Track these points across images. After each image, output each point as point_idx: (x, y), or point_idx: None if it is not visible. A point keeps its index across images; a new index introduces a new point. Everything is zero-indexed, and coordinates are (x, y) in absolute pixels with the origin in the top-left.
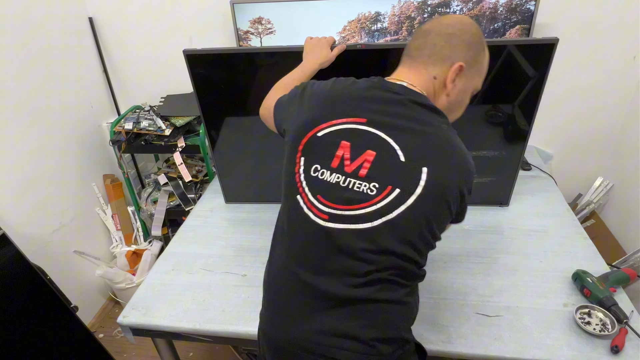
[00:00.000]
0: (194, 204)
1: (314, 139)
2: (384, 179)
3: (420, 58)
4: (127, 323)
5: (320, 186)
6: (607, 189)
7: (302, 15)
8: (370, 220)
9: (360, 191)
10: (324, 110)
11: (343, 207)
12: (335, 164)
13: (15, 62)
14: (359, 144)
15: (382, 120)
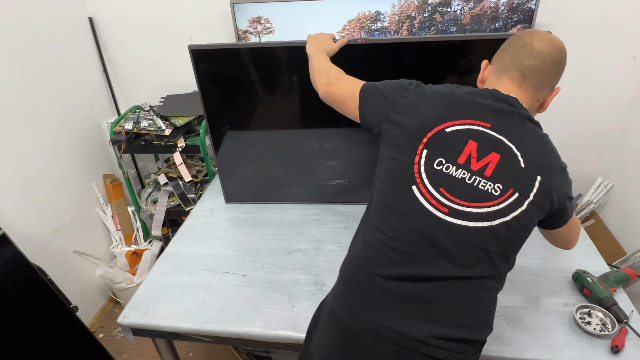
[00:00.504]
0: (194, 204)
1: (440, 134)
2: (507, 181)
3: (533, 82)
4: (127, 323)
5: (444, 180)
6: (607, 189)
7: (301, 15)
8: (490, 220)
9: (485, 190)
10: (451, 109)
11: (467, 203)
12: (462, 160)
13: (15, 62)
14: (485, 145)
15: (504, 127)
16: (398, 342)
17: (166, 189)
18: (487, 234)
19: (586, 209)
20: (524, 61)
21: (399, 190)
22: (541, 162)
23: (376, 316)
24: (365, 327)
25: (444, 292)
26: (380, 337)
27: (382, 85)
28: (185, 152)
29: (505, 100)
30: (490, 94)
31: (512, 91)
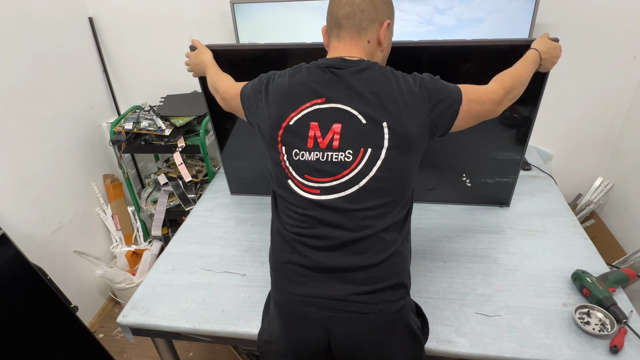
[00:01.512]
0: (194, 204)
1: (287, 128)
2: (356, 143)
3: (352, 27)
4: (127, 323)
5: (304, 166)
6: (607, 189)
7: (301, 16)
8: (356, 183)
9: (339, 161)
10: (290, 101)
11: (330, 179)
12: (310, 144)
13: (15, 62)
14: (326, 120)
15: (337, 94)
16: (323, 305)
17: (166, 189)
18: (361, 196)
19: (586, 209)
20: (337, 13)
21: (282, 186)
22: (380, 111)
23: (300, 289)
24: (294, 300)
25: (350, 256)
26: (308, 305)
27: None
28: (185, 152)
29: (331, 65)
30: (319, 66)
31: (341, 48)
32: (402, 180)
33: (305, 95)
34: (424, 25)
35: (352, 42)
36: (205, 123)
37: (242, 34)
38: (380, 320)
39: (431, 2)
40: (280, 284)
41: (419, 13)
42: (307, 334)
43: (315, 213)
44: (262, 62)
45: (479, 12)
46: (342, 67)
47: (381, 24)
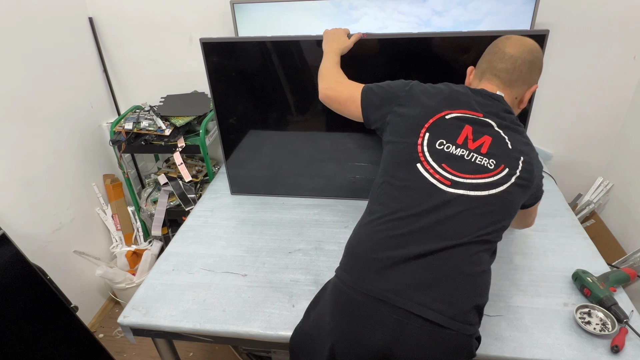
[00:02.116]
0: (194, 204)
1: (441, 120)
2: (499, 158)
3: (508, 82)
4: (127, 323)
5: (446, 157)
6: (607, 189)
7: (302, 16)
8: (486, 189)
9: (482, 164)
10: (449, 102)
11: (467, 175)
12: (460, 141)
13: (15, 62)
14: (479, 129)
15: (493, 117)
16: (402, 305)
17: (166, 189)
18: (482, 203)
19: (586, 209)
20: (497, 65)
21: (404, 168)
22: (522, 147)
23: (382, 284)
24: (370, 293)
25: (444, 262)
26: (383, 304)
27: (385, 84)
28: (185, 152)
29: (491, 96)
30: (479, 91)
31: (493, 89)
32: (512, 209)
33: (466, 104)
34: (423, 27)
35: (503, 91)
36: (206, 123)
37: (242, 34)
38: (454, 340)
39: (429, 5)
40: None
41: (417, 15)
42: (368, 335)
43: (436, 201)
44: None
45: (475, 15)
46: (500, 101)
47: (530, 87)
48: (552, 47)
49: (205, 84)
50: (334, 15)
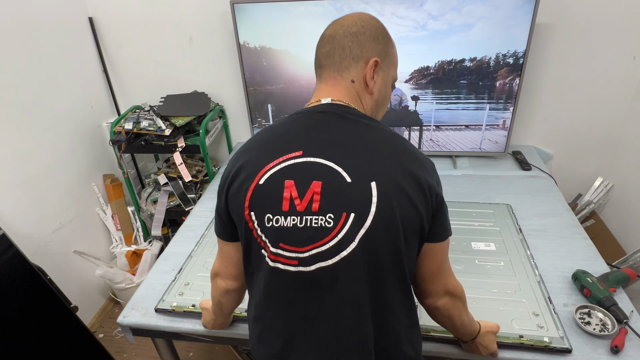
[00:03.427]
0: (194, 204)
1: (257, 189)
2: (338, 206)
3: (333, 66)
4: (127, 323)
5: (280, 234)
6: (607, 189)
7: (302, 16)
8: (338, 252)
9: (319, 226)
10: (258, 159)
11: (308, 247)
12: (286, 207)
13: (15, 61)
14: (303, 177)
15: (318, 146)
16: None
17: (166, 189)
18: (345, 269)
19: (586, 209)
20: (319, 52)
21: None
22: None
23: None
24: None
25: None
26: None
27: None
28: (185, 152)
29: (313, 111)
30: (298, 114)
31: (323, 91)
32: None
33: (279, 147)
34: (419, 30)
35: (334, 82)
36: (206, 123)
37: (242, 34)
38: None
39: (425, 9)
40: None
41: (414, 19)
42: None
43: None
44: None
45: (468, 19)
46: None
47: (366, 63)
48: (552, 47)
49: (205, 84)
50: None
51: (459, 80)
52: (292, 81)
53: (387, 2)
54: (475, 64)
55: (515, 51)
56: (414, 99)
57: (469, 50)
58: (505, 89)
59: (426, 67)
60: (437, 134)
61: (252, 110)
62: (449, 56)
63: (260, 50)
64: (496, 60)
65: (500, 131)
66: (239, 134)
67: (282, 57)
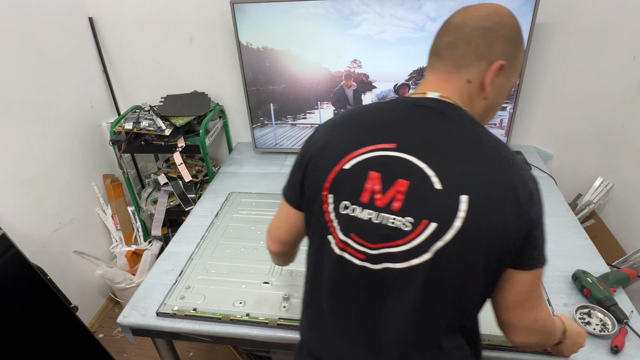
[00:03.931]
0: (194, 204)
1: (341, 174)
2: (419, 211)
3: (451, 60)
4: (127, 323)
5: (353, 224)
6: (607, 189)
7: (302, 16)
8: (408, 259)
9: (395, 227)
10: (346, 141)
11: (378, 245)
12: (365, 199)
13: (15, 61)
14: (390, 173)
15: (414, 143)
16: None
17: (166, 189)
18: (411, 277)
19: (586, 209)
20: (440, 41)
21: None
22: (466, 177)
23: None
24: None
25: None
26: None
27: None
28: (185, 152)
29: (415, 103)
30: (399, 102)
31: (433, 85)
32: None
33: (371, 134)
34: (418, 32)
35: (447, 77)
36: (206, 123)
37: (242, 34)
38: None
39: (424, 11)
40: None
41: (413, 21)
42: None
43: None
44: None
45: None
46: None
47: (490, 64)
48: (552, 47)
49: (205, 84)
50: (336, 20)
51: None
52: (293, 81)
53: (387, 3)
54: None
55: None
56: None
57: None
58: None
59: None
60: None
61: (254, 109)
62: None
63: (263, 51)
64: None
65: (500, 131)
66: (239, 134)
67: (284, 57)
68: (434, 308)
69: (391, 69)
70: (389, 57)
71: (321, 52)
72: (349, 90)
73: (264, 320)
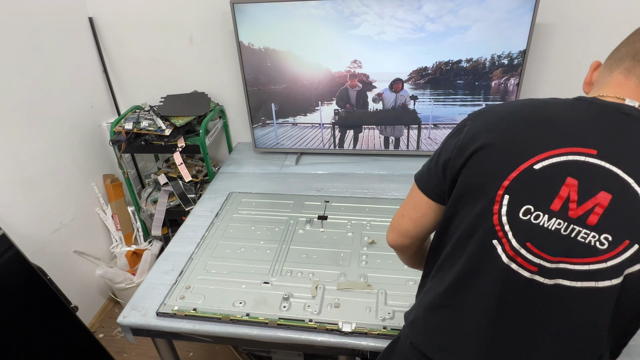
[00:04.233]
0: (194, 204)
1: (527, 173)
2: (621, 229)
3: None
4: (127, 323)
5: (532, 232)
6: None
7: (302, 16)
8: (594, 279)
9: (586, 243)
10: (533, 137)
11: (558, 258)
12: (556, 207)
13: (15, 61)
14: (590, 182)
15: (619, 152)
16: None
17: (166, 189)
18: (590, 300)
19: None
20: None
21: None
22: None
23: None
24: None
25: None
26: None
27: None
28: (185, 152)
29: (617, 109)
30: (592, 103)
31: (625, 89)
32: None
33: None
34: (417, 32)
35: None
36: (206, 123)
37: (242, 35)
38: None
39: (423, 12)
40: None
41: (412, 21)
42: None
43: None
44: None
45: (465, 21)
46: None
47: None
48: (552, 48)
49: (205, 84)
50: (336, 21)
51: (456, 80)
52: (294, 81)
53: (387, 5)
54: (471, 65)
55: (509, 52)
56: (412, 99)
57: (465, 51)
58: (500, 89)
59: (424, 67)
60: (435, 132)
61: (254, 109)
62: (446, 57)
63: (265, 52)
64: (491, 61)
65: None
66: (239, 134)
67: (286, 58)
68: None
69: (391, 69)
70: (388, 58)
71: (322, 53)
72: (352, 91)
73: (264, 320)
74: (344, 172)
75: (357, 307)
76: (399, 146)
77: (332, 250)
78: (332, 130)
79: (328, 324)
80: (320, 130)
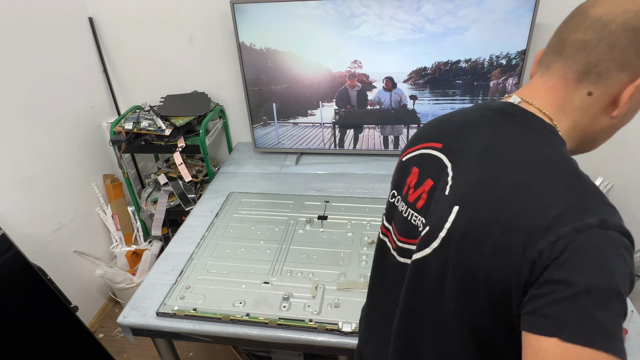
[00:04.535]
0: (194, 204)
1: (400, 164)
2: (429, 214)
3: (579, 64)
4: (127, 323)
5: (394, 213)
6: (607, 189)
7: (302, 16)
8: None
9: (415, 225)
10: (415, 137)
11: (403, 239)
12: (405, 191)
13: (15, 61)
14: (425, 171)
15: (459, 146)
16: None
17: (166, 189)
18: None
19: None
20: (567, 35)
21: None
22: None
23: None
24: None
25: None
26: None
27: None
28: (185, 152)
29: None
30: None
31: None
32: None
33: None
34: (417, 33)
35: (559, 82)
36: (206, 123)
37: (242, 35)
38: None
39: (422, 13)
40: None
41: (412, 22)
42: None
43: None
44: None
45: (463, 22)
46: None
47: (633, 80)
48: None
49: (205, 84)
50: (337, 21)
51: (455, 81)
52: (295, 81)
53: (386, 5)
54: (470, 65)
55: (508, 53)
56: (412, 98)
57: (464, 52)
58: (498, 89)
59: (423, 67)
60: None
61: (255, 109)
62: (445, 57)
63: (266, 52)
64: (490, 62)
65: None
66: (239, 134)
67: (287, 58)
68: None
69: (391, 70)
70: (388, 58)
71: (322, 53)
72: (352, 91)
73: (264, 320)
74: (344, 172)
75: (357, 307)
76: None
77: (332, 250)
78: (332, 130)
79: (328, 324)
80: (321, 130)
